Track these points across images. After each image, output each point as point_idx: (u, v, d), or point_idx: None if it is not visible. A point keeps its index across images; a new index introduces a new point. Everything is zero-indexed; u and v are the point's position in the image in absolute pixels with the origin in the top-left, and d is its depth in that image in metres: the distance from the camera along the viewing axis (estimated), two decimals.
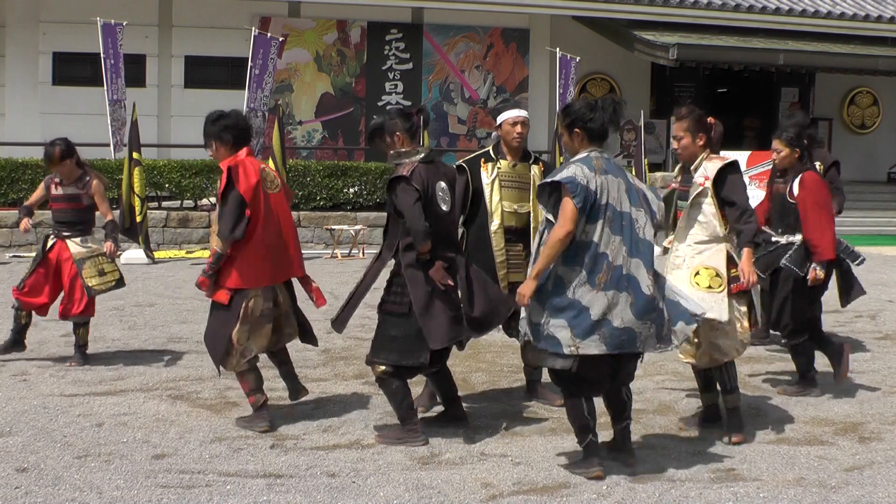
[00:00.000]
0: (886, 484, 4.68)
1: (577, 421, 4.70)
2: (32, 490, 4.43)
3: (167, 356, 7.43)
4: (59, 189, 7.20)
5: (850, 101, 24.25)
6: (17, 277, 12.00)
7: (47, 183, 7.27)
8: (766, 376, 6.98)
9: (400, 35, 20.61)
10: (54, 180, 7.22)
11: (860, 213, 20.35)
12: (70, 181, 7.18)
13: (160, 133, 18.98)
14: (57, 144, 7.08)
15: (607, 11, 20.12)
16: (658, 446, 5.23)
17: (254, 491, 4.46)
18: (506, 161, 6.01)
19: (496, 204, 5.92)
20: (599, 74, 22.13)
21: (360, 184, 16.96)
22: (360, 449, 5.13)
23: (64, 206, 7.20)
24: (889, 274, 13.67)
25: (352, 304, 5.38)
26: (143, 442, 5.20)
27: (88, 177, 7.21)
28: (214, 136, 5.52)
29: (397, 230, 5.26)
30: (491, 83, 21.13)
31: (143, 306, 9.90)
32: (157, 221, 15.74)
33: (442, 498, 4.41)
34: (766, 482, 4.67)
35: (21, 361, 7.14)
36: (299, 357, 7.28)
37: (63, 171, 7.15)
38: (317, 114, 20.30)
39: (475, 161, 6.07)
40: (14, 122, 18.72)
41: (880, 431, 5.57)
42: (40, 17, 18.74)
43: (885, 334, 8.77)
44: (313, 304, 5.79)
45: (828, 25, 21.40)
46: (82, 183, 7.18)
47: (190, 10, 19.25)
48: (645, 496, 4.45)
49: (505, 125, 5.99)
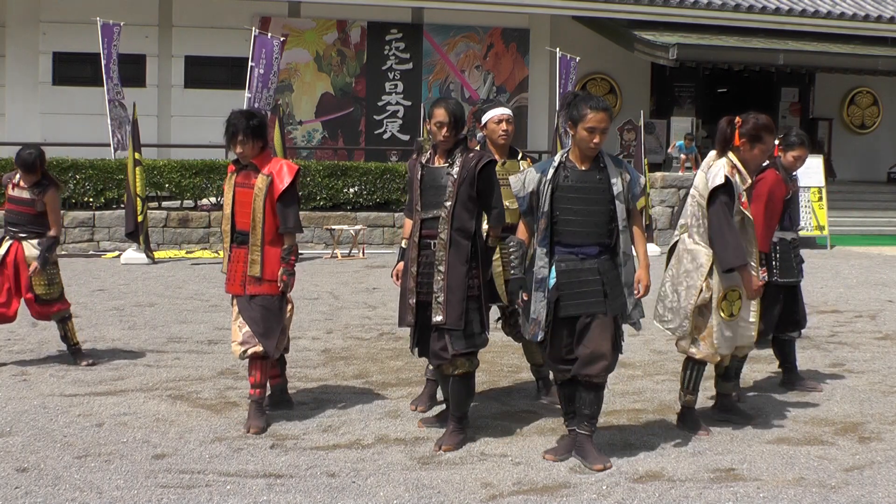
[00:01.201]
0: (886, 484, 4.68)
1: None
2: (32, 490, 4.43)
3: (167, 356, 7.43)
4: (16, 191, 7.12)
5: (850, 101, 24.27)
6: None
7: (4, 181, 7.19)
8: (767, 376, 6.98)
9: (400, 35, 20.62)
10: (13, 181, 7.14)
11: (860, 213, 20.37)
12: (29, 185, 7.09)
13: (160, 133, 19.00)
14: (32, 152, 7.04)
15: (607, 11, 20.14)
16: (658, 446, 5.23)
17: (254, 491, 4.46)
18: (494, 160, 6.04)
19: None
20: (599, 74, 22.14)
21: (360, 184, 16.96)
22: (360, 449, 5.13)
23: (18, 208, 7.11)
24: (889, 274, 13.67)
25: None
26: (143, 442, 5.20)
27: (47, 183, 7.14)
28: (252, 134, 5.54)
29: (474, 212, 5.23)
30: (491, 83, 21.14)
31: (143, 306, 9.90)
32: (157, 221, 15.74)
33: (442, 498, 4.41)
34: (766, 482, 4.67)
35: (21, 361, 7.14)
36: (299, 357, 7.29)
37: (29, 177, 7.10)
38: (317, 114, 20.32)
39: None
40: (14, 122, 18.74)
41: (880, 431, 5.57)
42: (40, 17, 18.76)
43: (885, 334, 8.78)
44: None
45: (828, 25, 21.42)
46: (39, 189, 7.09)
47: (190, 10, 19.26)
48: (645, 496, 4.45)
49: (490, 124, 6.02)
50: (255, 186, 5.48)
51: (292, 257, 5.56)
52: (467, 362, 5.17)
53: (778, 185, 6.43)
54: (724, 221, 5.25)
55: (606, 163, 4.90)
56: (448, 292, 5.09)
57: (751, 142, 5.39)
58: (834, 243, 18.03)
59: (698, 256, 5.33)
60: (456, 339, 5.08)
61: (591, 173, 4.87)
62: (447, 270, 5.11)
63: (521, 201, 4.93)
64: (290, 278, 5.55)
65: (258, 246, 5.50)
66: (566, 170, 4.88)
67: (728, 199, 5.28)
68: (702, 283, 5.25)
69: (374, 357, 7.45)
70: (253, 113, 5.65)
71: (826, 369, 7.23)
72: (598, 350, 4.78)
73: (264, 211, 5.48)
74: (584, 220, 4.83)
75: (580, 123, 4.80)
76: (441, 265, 5.13)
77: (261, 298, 5.53)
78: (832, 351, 7.95)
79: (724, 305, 5.31)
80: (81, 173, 15.69)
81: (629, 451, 5.12)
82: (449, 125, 5.22)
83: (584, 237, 4.84)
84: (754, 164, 5.47)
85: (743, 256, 5.23)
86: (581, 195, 4.83)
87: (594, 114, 4.79)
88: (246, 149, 5.50)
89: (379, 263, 14.58)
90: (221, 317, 9.20)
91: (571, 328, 4.86)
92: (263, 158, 5.57)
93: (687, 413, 5.55)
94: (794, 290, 6.59)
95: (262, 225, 5.49)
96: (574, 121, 4.84)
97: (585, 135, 4.80)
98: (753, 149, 5.40)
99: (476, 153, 5.28)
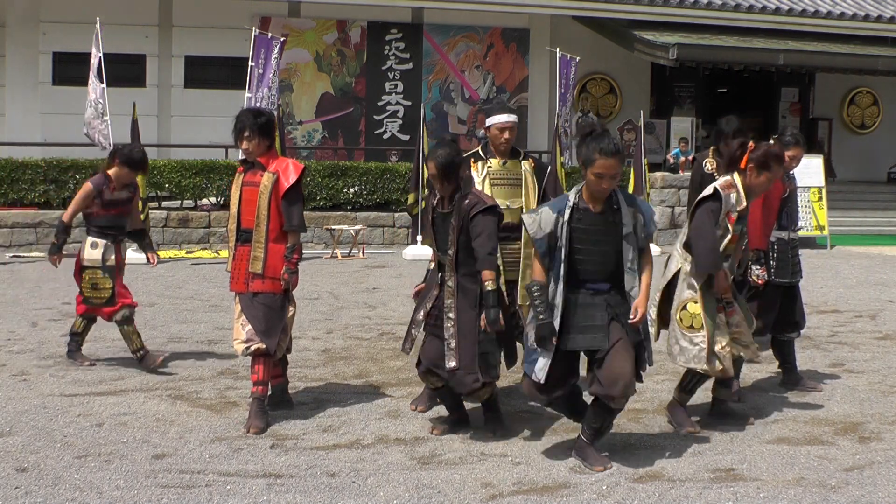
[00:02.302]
0: (886, 484, 4.68)
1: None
2: (32, 490, 4.43)
3: (167, 356, 7.42)
4: (115, 194, 7.00)
5: (850, 101, 24.26)
6: (17, 277, 12.04)
7: (99, 186, 6.95)
8: (767, 376, 6.98)
9: (400, 35, 20.62)
10: (111, 185, 6.98)
11: (860, 213, 20.36)
12: (121, 187, 7.03)
13: (160, 133, 19.00)
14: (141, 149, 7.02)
15: (607, 11, 20.14)
16: (658, 446, 5.23)
17: (254, 491, 4.46)
18: (496, 159, 6.10)
19: None
20: (599, 74, 22.14)
21: (360, 184, 16.96)
22: (360, 449, 5.13)
23: (117, 210, 7.03)
24: (889, 274, 13.66)
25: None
26: (143, 442, 5.20)
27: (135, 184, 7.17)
28: (259, 131, 5.55)
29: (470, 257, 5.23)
30: (491, 83, 21.14)
31: (143, 306, 9.88)
32: (157, 221, 15.74)
33: (442, 498, 4.41)
34: (766, 482, 4.67)
35: (21, 361, 7.14)
36: (299, 357, 7.28)
37: (124, 177, 7.02)
38: (317, 114, 20.31)
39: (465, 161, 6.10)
40: (14, 122, 18.74)
41: (880, 431, 5.56)
42: (40, 17, 18.76)
43: (885, 334, 8.78)
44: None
45: (828, 25, 21.41)
46: (132, 188, 7.11)
47: (190, 10, 19.26)
48: (645, 496, 4.45)
49: (493, 129, 6.05)
50: (260, 184, 5.52)
51: (295, 256, 5.57)
52: (488, 390, 5.32)
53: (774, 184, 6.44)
54: (705, 223, 5.31)
55: (620, 203, 4.83)
56: (459, 337, 5.16)
57: (758, 168, 5.44)
58: (834, 243, 18.03)
59: (670, 262, 5.53)
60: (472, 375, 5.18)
61: (603, 216, 4.80)
62: (457, 317, 5.21)
63: (539, 243, 4.80)
64: (291, 276, 5.55)
65: (261, 243, 5.52)
66: (579, 211, 4.79)
67: (716, 208, 5.33)
68: (664, 287, 5.42)
69: (374, 357, 7.45)
70: (261, 111, 5.71)
71: (826, 369, 7.23)
72: (621, 370, 4.73)
73: (269, 208, 5.51)
74: (595, 260, 4.79)
75: (589, 168, 4.72)
76: (451, 312, 5.22)
77: (263, 296, 5.54)
78: (832, 351, 7.95)
79: (684, 315, 5.34)
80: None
81: (629, 451, 5.12)
82: (440, 177, 5.26)
83: (595, 274, 4.81)
84: (758, 190, 5.51)
85: (717, 263, 5.28)
86: (593, 237, 4.79)
87: (603, 160, 4.68)
88: (252, 145, 5.53)
89: (379, 263, 14.58)
90: (221, 317, 9.19)
91: (568, 362, 4.85)
92: (270, 157, 5.60)
93: (677, 407, 5.62)
94: (793, 290, 6.59)
95: (267, 222, 5.51)
96: (584, 162, 4.76)
97: (594, 179, 4.73)
98: (760, 175, 5.45)
99: (471, 199, 5.24)
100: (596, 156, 4.68)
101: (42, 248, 15.08)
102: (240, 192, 5.61)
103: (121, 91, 16.78)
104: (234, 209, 5.64)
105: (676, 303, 5.44)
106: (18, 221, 15.22)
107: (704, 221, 5.32)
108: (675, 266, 5.50)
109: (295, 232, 5.57)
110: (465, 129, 20.98)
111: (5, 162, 15.67)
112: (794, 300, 6.61)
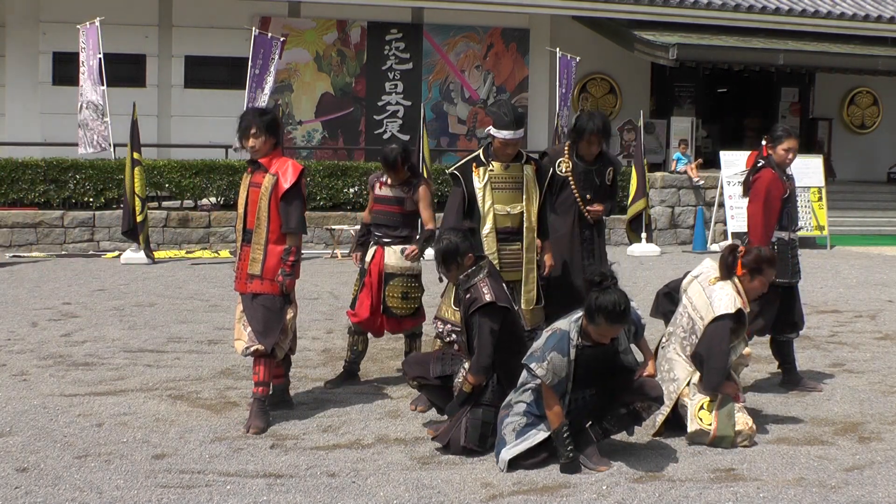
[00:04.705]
0: (886, 484, 4.68)
1: None
2: (32, 490, 4.43)
3: (167, 356, 7.43)
4: (383, 190, 6.67)
5: (850, 101, 24.24)
6: (17, 277, 12.04)
7: (372, 182, 6.78)
8: (767, 376, 6.98)
9: (400, 35, 20.60)
10: (380, 180, 6.71)
11: (860, 213, 20.35)
12: (396, 183, 6.63)
13: (160, 133, 18.99)
14: (395, 148, 6.55)
15: (607, 11, 20.12)
16: (658, 446, 5.23)
17: (254, 491, 4.46)
18: (498, 164, 6.05)
19: (488, 208, 5.98)
20: (599, 74, 22.13)
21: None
22: (360, 449, 5.13)
23: (384, 207, 6.66)
24: (889, 274, 13.66)
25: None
26: (143, 442, 5.20)
27: (417, 181, 6.66)
28: (264, 129, 5.54)
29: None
30: (491, 83, 21.13)
31: (143, 306, 9.89)
32: (157, 221, 15.73)
33: (442, 498, 4.41)
34: (766, 482, 4.67)
35: (21, 361, 7.14)
36: (299, 357, 7.28)
37: (395, 175, 6.62)
38: (317, 114, 20.29)
39: (467, 166, 6.08)
40: (14, 122, 18.73)
41: (880, 431, 5.57)
42: (40, 17, 18.75)
43: (885, 334, 8.78)
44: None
45: (828, 25, 21.39)
46: (408, 187, 6.63)
47: (190, 10, 19.25)
48: (645, 496, 4.46)
49: (496, 141, 6.00)
50: (261, 185, 5.52)
51: (291, 258, 5.53)
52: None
53: (774, 184, 6.44)
54: (719, 343, 5.31)
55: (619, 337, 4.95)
56: (472, 416, 5.13)
57: (751, 273, 5.49)
58: (834, 243, 18.02)
59: (675, 368, 5.50)
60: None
61: (605, 347, 4.89)
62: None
63: (556, 388, 4.81)
64: (286, 279, 5.52)
65: (261, 244, 5.52)
66: (580, 349, 4.85)
67: (735, 327, 5.37)
68: (676, 395, 5.42)
69: (374, 357, 7.45)
70: (266, 109, 5.73)
71: (826, 369, 7.23)
72: (656, 381, 5.11)
73: (269, 210, 5.50)
74: (590, 378, 4.92)
75: (591, 325, 4.78)
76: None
77: (262, 298, 5.54)
78: (832, 351, 7.95)
79: (703, 415, 5.30)
80: (81, 173, 15.70)
81: (629, 451, 5.12)
82: (445, 268, 5.32)
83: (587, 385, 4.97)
84: (752, 294, 5.55)
85: (725, 380, 5.36)
86: (595, 367, 4.90)
87: (607, 328, 4.75)
88: (259, 143, 5.54)
89: None
90: (221, 317, 9.19)
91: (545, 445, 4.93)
92: (273, 157, 5.58)
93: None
94: (792, 291, 6.59)
95: (267, 224, 5.51)
96: (588, 317, 4.79)
97: (595, 333, 4.81)
98: (753, 280, 5.50)
99: (472, 293, 5.21)
100: (601, 319, 4.71)
101: (42, 248, 15.10)
102: (247, 192, 5.62)
103: (121, 91, 16.79)
104: (240, 209, 5.66)
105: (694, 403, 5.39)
106: (18, 221, 15.21)
107: (719, 341, 5.31)
108: (683, 375, 5.46)
109: (293, 234, 5.56)
110: (465, 129, 20.97)
111: (5, 162, 15.65)
112: (793, 301, 6.61)
